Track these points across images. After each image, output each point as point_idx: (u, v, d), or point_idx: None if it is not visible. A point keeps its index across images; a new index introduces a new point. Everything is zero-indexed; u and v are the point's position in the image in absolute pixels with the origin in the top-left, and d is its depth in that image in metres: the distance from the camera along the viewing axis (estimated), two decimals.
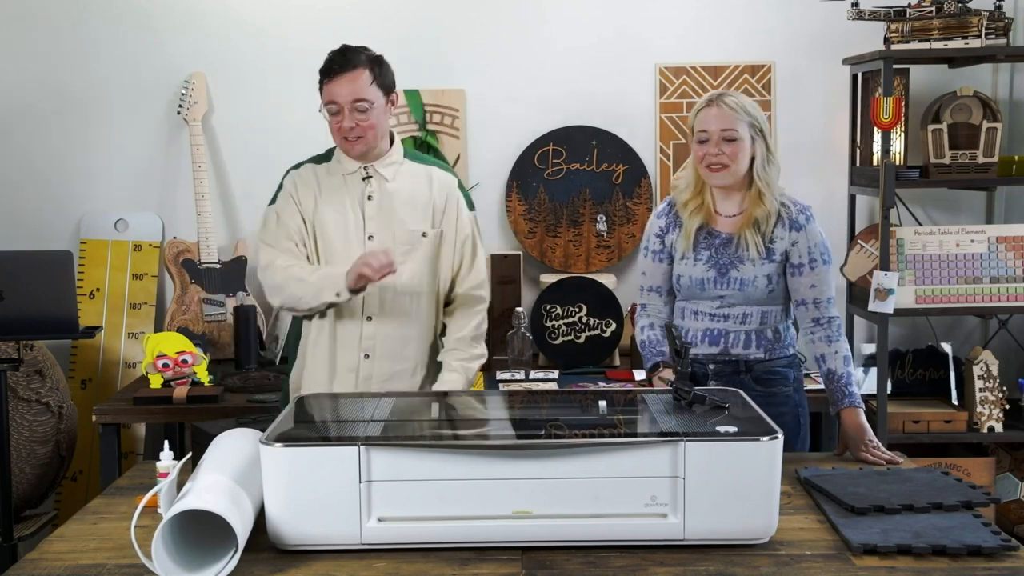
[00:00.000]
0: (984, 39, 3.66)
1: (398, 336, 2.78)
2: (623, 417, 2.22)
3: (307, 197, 2.77)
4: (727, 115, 2.64)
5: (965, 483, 2.23)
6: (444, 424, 2.23)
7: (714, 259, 2.70)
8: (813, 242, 2.68)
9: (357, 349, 2.77)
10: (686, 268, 2.72)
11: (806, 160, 4.13)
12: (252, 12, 4.07)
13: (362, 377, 2.77)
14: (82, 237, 4.09)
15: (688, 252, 2.72)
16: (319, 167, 2.81)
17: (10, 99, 4.08)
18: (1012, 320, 4.07)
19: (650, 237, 2.81)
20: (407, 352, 2.80)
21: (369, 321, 2.76)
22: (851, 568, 1.86)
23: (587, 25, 4.09)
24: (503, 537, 1.93)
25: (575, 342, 3.86)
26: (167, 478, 1.91)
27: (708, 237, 2.72)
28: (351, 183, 2.77)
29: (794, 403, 2.75)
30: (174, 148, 4.10)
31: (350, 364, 2.77)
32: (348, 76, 2.66)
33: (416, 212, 2.78)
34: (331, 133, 2.74)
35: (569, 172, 4.08)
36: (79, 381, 4.02)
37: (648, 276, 2.82)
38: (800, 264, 2.67)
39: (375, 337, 2.77)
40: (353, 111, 2.67)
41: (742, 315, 2.70)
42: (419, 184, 2.80)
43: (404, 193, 2.78)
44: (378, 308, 2.76)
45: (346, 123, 2.67)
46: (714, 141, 2.64)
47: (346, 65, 2.66)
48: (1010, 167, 3.78)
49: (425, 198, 2.79)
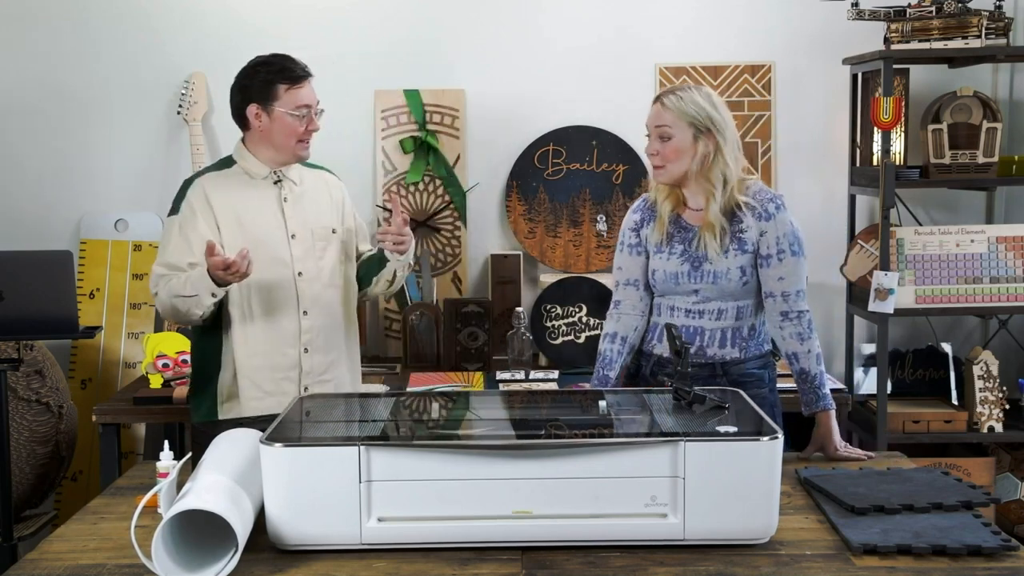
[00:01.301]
0: (984, 39, 3.66)
1: (329, 327, 2.89)
2: (623, 417, 2.22)
3: (222, 204, 2.81)
4: (661, 113, 2.64)
5: (965, 483, 2.23)
6: (444, 424, 2.23)
7: (687, 253, 2.68)
8: (782, 232, 2.63)
9: (297, 344, 2.84)
10: (660, 262, 2.71)
11: (806, 160, 4.13)
12: (252, 12, 4.07)
13: (304, 371, 2.84)
14: (82, 237, 4.09)
15: (663, 245, 2.71)
16: (222, 173, 2.87)
17: (10, 99, 4.08)
18: (1012, 320, 4.07)
19: (625, 232, 2.80)
20: (335, 342, 2.91)
21: (306, 316, 2.85)
22: (851, 568, 1.86)
23: (587, 25, 4.09)
24: (503, 537, 1.93)
25: (575, 342, 3.86)
26: (167, 478, 1.91)
27: (681, 231, 2.70)
28: (262, 187, 2.86)
29: (770, 404, 2.71)
30: (174, 148, 4.10)
31: (292, 361, 2.83)
32: (310, 82, 2.84)
33: (324, 211, 2.93)
34: (281, 136, 2.81)
35: (569, 172, 4.08)
36: (79, 381, 4.02)
37: (624, 270, 2.80)
38: (768, 255, 2.64)
39: (312, 330, 2.85)
40: (316, 115, 2.84)
41: (717, 311, 2.68)
42: (319, 187, 2.96)
43: (311, 195, 2.92)
44: (311, 302, 2.85)
45: (316, 124, 2.84)
46: (652, 139, 2.66)
47: (307, 72, 2.84)
48: (1010, 167, 3.78)
49: (327, 199, 2.95)
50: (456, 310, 3.90)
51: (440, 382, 3.65)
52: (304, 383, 2.83)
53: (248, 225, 2.81)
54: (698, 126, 2.62)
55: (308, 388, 2.82)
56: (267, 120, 2.79)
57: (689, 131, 2.62)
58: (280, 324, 2.82)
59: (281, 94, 2.78)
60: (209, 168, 2.92)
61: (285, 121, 2.78)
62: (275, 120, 2.79)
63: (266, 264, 2.78)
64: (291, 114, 2.78)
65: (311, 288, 2.84)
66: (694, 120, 2.61)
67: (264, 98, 2.78)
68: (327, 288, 2.88)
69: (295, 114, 2.78)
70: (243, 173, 2.86)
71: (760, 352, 2.73)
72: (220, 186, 2.83)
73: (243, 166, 2.86)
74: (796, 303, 2.65)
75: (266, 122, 2.80)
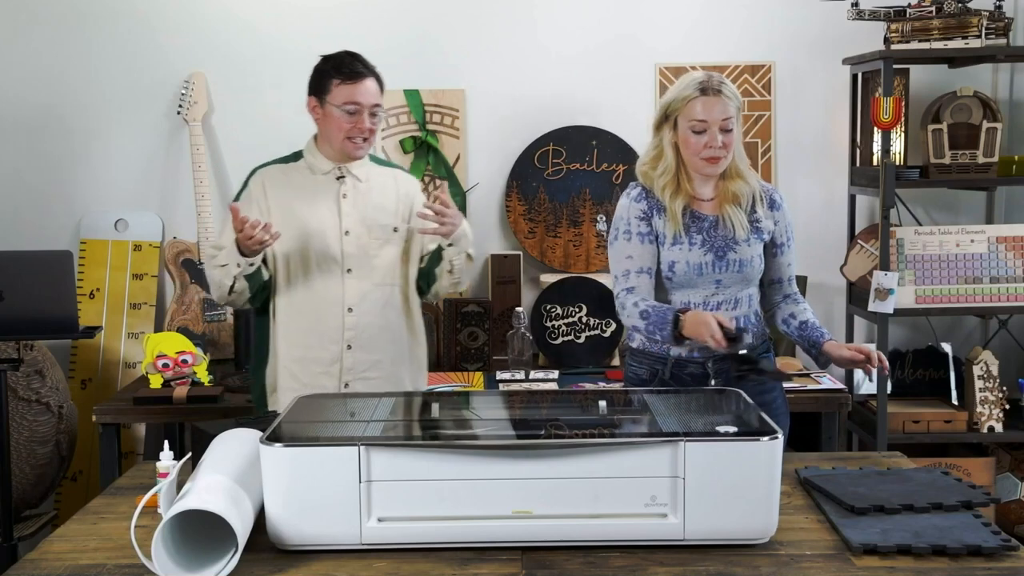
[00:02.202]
0: (984, 39, 3.66)
1: (377, 326, 2.87)
2: (623, 417, 2.22)
3: (278, 195, 2.86)
4: (726, 105, 2.60)
5: (965, 483, 2.23)
6: (444, 424, 2.23)
7: (708, 242, 2.65)
8: (787, 221, 2.76)
9: (340, 341, 2.84)
10: (681, 254, 2.65)
11: (806, 160, 4.13)
12: (252, 12, 4.07)
13: (346, 367, 2.85)
14: (82, 237, 4.09)
15: (680, 236, 2.65)
16: (288, 167, 2.92)
17: (10, 99, 4.08)
18: (1012, 320, 4.07)
19: (631, 221, 2.68)
20: (384, 341, 2.89)
21: (350, 313, 2.85)
22: (851, 568, 1.86)
23: (587, 25, 4.09)
24: (503, 537, 1.93)
25: (575, 342, 3.86)
26: (167, 478, 1.91)
27: (696, 221, 2.68)
28: (324, 183, 2.88)
29: (780, 387, 2.80)
30: (174, 148, 4.10)
31: (333, 356, 2.85)
32: (368, 81, 2.82)
33: (387, 209, 2.92)
34: (332, 131, 2.83)
35: (569, 172, 4.08)
36: (79, 381, 4.02)
37: (636, 258, 2.66)
38: (781, 243, 2.75)
39: (356, 328, 2.85)
40: (369, 115, 2.82)
41: (733, 300, 2.68)
42: (387, 184, 2.95)
43: (375, 192, 2.91)
44: (358, 300, 2.85)
45: (366, 124, 2.81)
46: (713, 132, 2.59)
47: (366, 71, 2.83)
48: (1010, 167, 3.78)
49: (393, 197, 2.93)
50: (456, 310, 3.90)
51: (440, 382, 3.65)
52: (345, 379, 2.85)
53: (301, 219, 2.83)
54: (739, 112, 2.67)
55: (349, 384, 2.85)
56: (321, 113, 2.84)
57: (740, 118, 2.67)
58: (323, 319, 2.84)
59: (333, 88, 2.81)
60: (277, 160, 2.96)
61: (334, 116, 2.81)
62: (327, 114, 2.83)
63: (315, 259, 2.82)
64: (340, 109, 2.79)
65: (360, 286, 2.85)
66: (739, 107, 2.66)
67: (319, 91, 2.84)
68: (379, 287, 2.88)
69: (344, 110, 2.79)
70: (307, 167, 2.90)
71: (764, 336, 2.79)
72: (279, 178, 2.88)
73: (308, 160, 2.91)
74: (793, 284, 2.81)
75: (320, 115, 2.85)
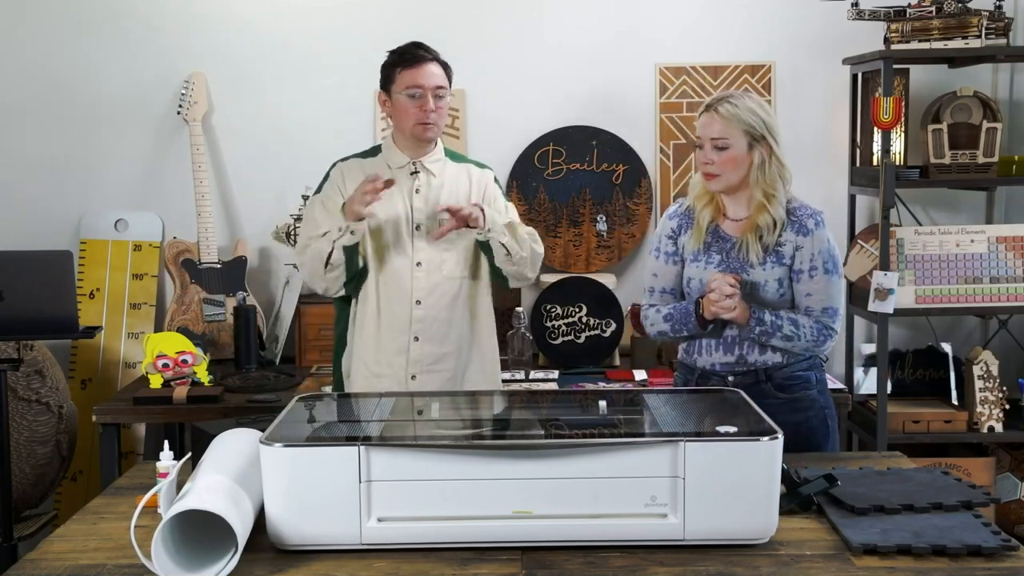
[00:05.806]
0: (984, 39, 3.66)
1: (444, 319, 2.90)
2: (623, 417, 2.22)
3: (353, 186, 2.87)
4: (718, 123, 2.59)
5: (965, 483, 2.23)
6: (444, 424, 2.23)
7: (725, 262, 2.65)
8: (818, 249, 2.62)
9: (407, 332, 2.88)
10: (697, 271, 2.67)
11: (806, 160, 4.12)
12: (252, 12, 4.07)
13: (412, 359, 2.88)
14: (82, 237, 4.09)
15: (700, 254, 2.68)
16: (366, 161, 2.96)
17: (10, 99, 4.08)
18: (1012, 320, 4.07)
19: (662, 239, 2.75)
20: (452, 335, 2.91)
21: (418, 305, 2.88)
22: (851, 568, 1.86)
23: (587, 25, 4.09)
24: (503, 537, 1.93)
25: (575, 342, 3.86)
26: (167, 478, 1.91)
27: (719, 240, 2.67)
28: (399, 177, 2.90)
29: (820, 406, 2.69)
30: (174, 148, 4.10)
31: (400, 347, 2.88)
32: (430, 65, 2.85)
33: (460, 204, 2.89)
34: (400, 119, 2.87)
35: (569, 172, 4.08)
36: (79, 381, 4.02)
37: (660, 278, 2.76)
38: (800, 270, 2.63)
39: (424, 320, 2.88)
40: (434, 97, 2.84)
41: None
42: (460, 179, 2.97)
43: (448, 187, 2.93)
44: (426, 293, 2.88)
45: (430, 106, 2.82)
46: (707, 149, 2.62)
47: (427, 55, 2.86)
48: (1010, 167, 3.78)
49: (466, 192, 2.95)
50: None
51: None
52: (411, 371, 2.88)
53: (375, 211, 2.85)
54: (753, 134, 2.60)
55: (415, 377, 2.87)
56: (391, 106, 2.88)
57: (744, 140, 2.59)
58: (393, 310, 2.88)
59: (397, 76, 2.85)
60: (356, 154, 3.00)
61: (400, 102, 2.84)
62: (395, 104, 2.86)
63: (387, 252, 2.87)
64: (404, 95, 2.83)
65: (429, 279, 2.88)
66: (749, 128, 2.59)
67: (386, 83, 2.88)
68: (448, 280, 2.90)
69: (408, 94, 2.82)
70: (384, 161, 2.93)
71: (805, 355, 2.67)
72: (356, 171, 2.91)
73: (385, 155, 2.95)
74: (824, 319, 2.63)
75: (390, 108, 2.89)
